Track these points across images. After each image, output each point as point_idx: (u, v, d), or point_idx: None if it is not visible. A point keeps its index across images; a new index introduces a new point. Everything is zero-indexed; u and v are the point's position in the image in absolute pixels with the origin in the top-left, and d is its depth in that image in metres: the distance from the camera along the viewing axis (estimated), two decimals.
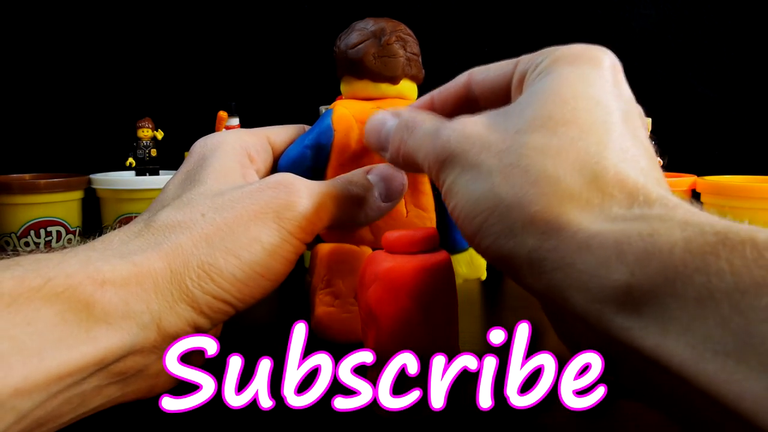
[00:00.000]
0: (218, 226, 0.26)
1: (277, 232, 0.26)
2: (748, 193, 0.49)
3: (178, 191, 0.29)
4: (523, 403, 0.23)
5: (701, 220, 0.18)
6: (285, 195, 0.27)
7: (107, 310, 0.22)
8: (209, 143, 0.31)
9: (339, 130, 0.34)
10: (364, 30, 0.35)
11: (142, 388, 0.25)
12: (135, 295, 0.23)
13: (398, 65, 0.34)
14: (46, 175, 0.60)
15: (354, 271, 0.35)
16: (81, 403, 0.23)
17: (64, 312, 0.22)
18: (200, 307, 0.25)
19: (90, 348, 0.22)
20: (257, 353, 0.24)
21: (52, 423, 0.22)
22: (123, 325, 0.23)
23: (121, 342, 0.22)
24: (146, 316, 0.23)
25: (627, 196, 0.20)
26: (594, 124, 0.22)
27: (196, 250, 0.25)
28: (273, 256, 0.26)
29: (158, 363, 0.25)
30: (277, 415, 0.24)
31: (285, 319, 0.45)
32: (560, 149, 0.21)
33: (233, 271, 0.25)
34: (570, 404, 0.23)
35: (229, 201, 0.27)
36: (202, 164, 0.30)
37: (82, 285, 0.22)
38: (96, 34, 0.71)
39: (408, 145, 0.27)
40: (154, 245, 0.25)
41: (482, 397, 0.23)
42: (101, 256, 0.24)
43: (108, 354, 0.22)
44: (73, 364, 0.21)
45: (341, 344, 0.35)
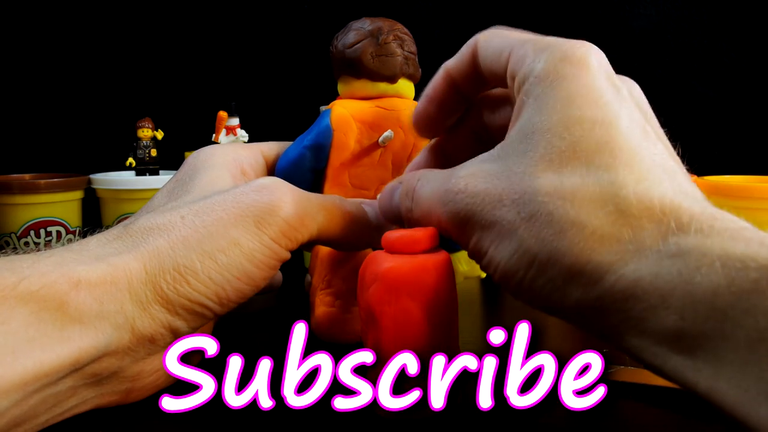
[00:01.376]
0: (196, 229, 0.25)
1: (257, 236, 0.26)
2: (748, 193, 0.49)
3: (164, 200, 0.29)
4: (523, 403, 0.23)
5: (741, 251, 0.18)
6: (268, 199, 0.26)
7: (81, 310, 0.22)
8: (201, 156, 0.31)
9: (338, 130, 0.34)
10: (361, 29, 0.35)
11: (119, 392, 0.25)
12: (109, 296, 0.23)
13: (396, 64, 0.34)
14: (46, 175, 0.60)
15: (354, 271, 0.35)
16: (56, 404, 0.23)
17: (39, 311, 0.22)
18: (175, 309, 0.25)
19: (64, 348, 0.22)
20: (257, 353, 0.24)
21: (29, 423, 0.22)
22: (97, 325, 0.23)
23: (95, 342, 0.22)
24: (120, 317, 0.23)
25: (657, 224, 0.19)
26: (597, 150, 0.21)
27: (172, 252, 0.25)
28: (252, 261, 0.26)
29: (134, 366, 0.25)
30: (277, 415, 0.24)
31: (285, 319, 0.45)
32: (574, 190, 0.20)
33: (209, 274, 0.25)
34: (570, 404, 0.23)
35: (210, 204, 0.26)
36: (193, 176, 0.30)
37: (57, 284, 0.22)
38: (96, 34, 0.71)
39: (414, 215, 0.26)
40: (131, 247, 0.25)
41: (482, 397, 0.23)
42: (77, 257, 0.24)
43: (82, 354, 0.22)
44: (48, 364, 0.21)
45: (341, 344, 0.35)
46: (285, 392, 0.23)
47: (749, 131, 0.70)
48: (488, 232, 0.22)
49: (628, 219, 0.20)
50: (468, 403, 0.24)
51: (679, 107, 0.70)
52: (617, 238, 0.19)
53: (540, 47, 0.24)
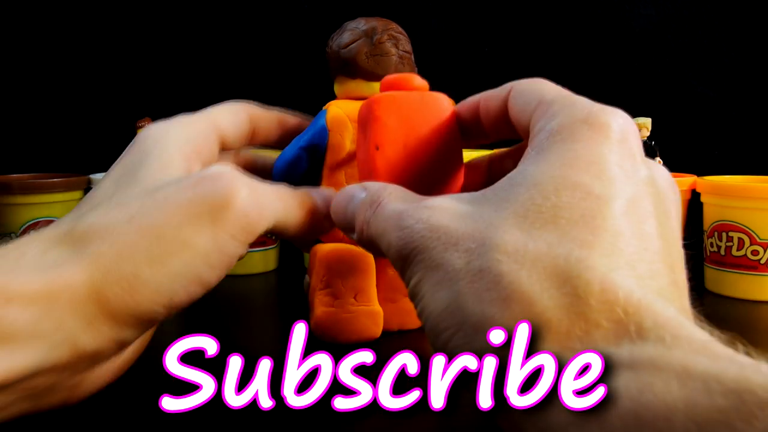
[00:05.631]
0: (144, 232, 0.23)
1: (212, 234, 0.23)
2: (748, 193, 0.49)
3: (111, 190, 0.26)
4: (523, 403, 0.23)
5: (705, 368, 0.14)
6: (222, 190, 0.24)
7: (12, 330, 0.20)
8: (152, 134, 0.28)
9: (333, 130, 0.34)
10: (355, 30, 0.35)
11: (53, 401, 0.24)
12: (45, 313, 0.21)
13: (391, 63, 0.35)
14: (46, 175, 0.60)
15: (353, 271, 0.35)
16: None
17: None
18: (124, 321, 0.23)
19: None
20: (257, 353, 0.24)
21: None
22: (31, 344, 0.21)
23: (26, 363, 0.21)
24: (58, 335, 0.21)
25: (614, 324, 0.17)
26: (579, 222, 0.18)
27: (119, 260, 0.22)
28: (207, 262, 0.24)
29: (73, 378, 0.23)
30: (277, 415, 0.24)
31: (285, 319, 0.45)
32: (537, 257, 0.18)
33: (160, 281, 0.23)
34: (570, 404, 0.23)
35: (161, 199, 0.24)
36: (142, 160, 0.26)
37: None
38: (96, 34, 0.71)
39: (371, 229, 0.23)
40: (74, 257, 0.22)
41: (482, 397, 0.23)
42: (10, 267, 0.22)
43: (10, 375, 0.20)
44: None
45: (341, 344, 0.35)
46: (285, 392, 0.23)
47: (749, 131, 0.70)
48: (432, 274, 0.20)
49: (584, 309, 0.17)
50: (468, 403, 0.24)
51: (679, 107, 0.70)
52: (567, 332, 0.17)
53: (566, 104, 0.22)
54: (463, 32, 0.71)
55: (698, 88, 0.71)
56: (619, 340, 0.16)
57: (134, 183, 0.25)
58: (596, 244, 0.18)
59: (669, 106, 0.69)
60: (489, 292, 0.18)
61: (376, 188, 0.24)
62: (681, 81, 0.70)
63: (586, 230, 0.18)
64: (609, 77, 0.70)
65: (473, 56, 0.70)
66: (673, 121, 0.67)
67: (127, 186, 0.25)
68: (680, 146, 0.64)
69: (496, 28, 0.70)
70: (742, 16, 0.69)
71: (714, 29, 0.70)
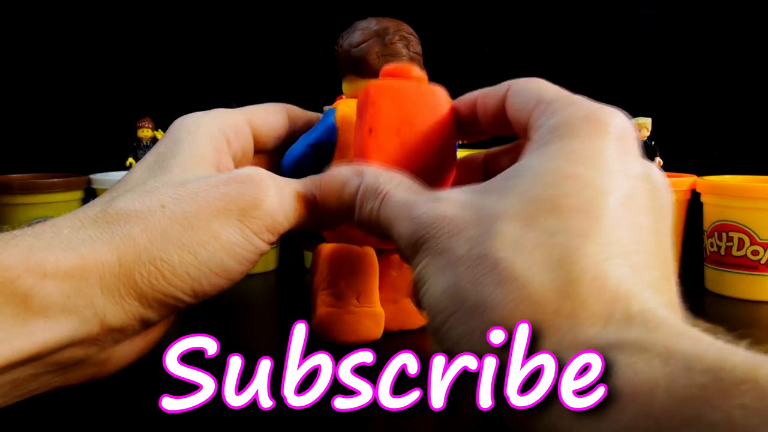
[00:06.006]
0: (177, 220, 0.24)
1: (239, 231, 0.25)
2: (748, 193, 0.49)
3: (144, 175, 0.27)
4: (523, 403, 0.23)
5: (687, 349, 0.15)
6: (253, 192, 0.25)
7: (46, 304, 0.22)
8: (185, 124, 0.29)
9: (343, 130, 0.33)
10: (367, 29, 0.35)
11: (85, 375, 0.25)
12: (77, 289, 0.22)
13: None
14: (46, 175, 0.60)
15: (357, 272, 0.35)
16: (14, 388, 0.23)
17: (0, 305, 0.21)
18: (148, 302, 0.24)
19: (24, 342, 0.21)
20: (257, 353, 0.24)
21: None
22: (62, 319, 0.22)
23: (59, 336, 0.22)
24: (89, 311, 0.23)
25: (604, 307, 0.17)
26: (578, 212, 0.19)
27: (149, 245, 0.24)
28: (232, 256, 0.25)
29: (101, 353, 0.24)
30: (277, 415, 0.24)
31: (285, 319, 0.45)
32: (536, 245, 0.19)
33: (187, 268, 0.24)
34: (570, 404, 0.23)
35: (192, 192, 0.25)
36: (174, 149, 0.28)
37: (21, 278, 0.22)
38: (96, 34, 0.71)
39: (381, 217, 0.24)
40: (106, 236, 0.24)
41: (482, 397, 0.23)
42: (46, 245, 0.23)
43: (43, 347, 0.22)
44: (5, 358, 0.21)
45: (341, 344, 0.35)
46: (285, 392, 0.23)
47: (749, 131, 0.70)
48: (436, 260, 0.21)
49: (575, 293, 0.18)
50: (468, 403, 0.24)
51: (679, 107, 0.70)
52: (555, 311, 0.18)
53: (566, 103, 0.23)
54: (463, 32, 0.71)
55: (698, 88, 0.71)
56: (605, 322, 0.17)
57: (166, 171, 0.26)
58: (593, 233, 0.19)
59: (669, 106, 0.69)
60: (486, 276, 0.19)
61: (378, 176, 0.25)
62: (681, 81, 0.70)
63: (584, 220, 0.19)
64: (609, 77, 0.70)
65: (473, 56, 0.70)
66: (673, 121, 0.67)
67: (157, 174, 0.26)
68: (680, 146, 0.64)
69: (496, 28, 0.70)
70: (742, 16, 0.69)
71: (714, 29, 0.70)
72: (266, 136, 0.33)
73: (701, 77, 0.70)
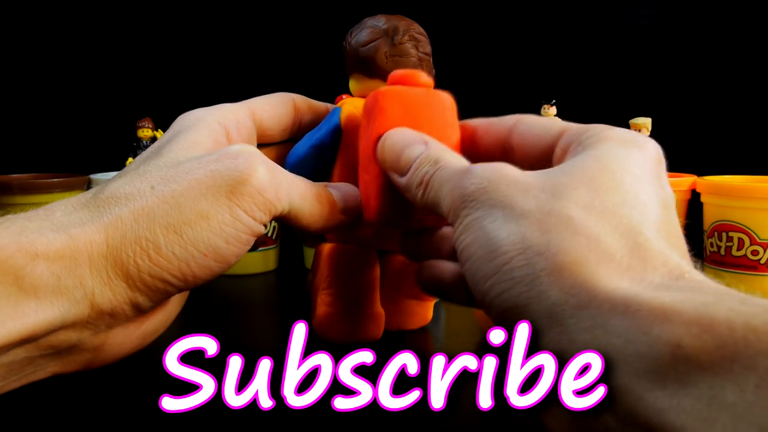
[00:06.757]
0: (164, 199, 0.24)
1: (228, 209, 0.24)
2: (748, 193, 0.49)
3: (139, 162, 0.27)
4: (523, 403, 0.23)
5: (737, 292, 0.17)
6: (242, 166, 0.25)
7: (37, 285, 0.22)
8: (188, 119, 0.29)
9: (347, 129, 0.33)
10: (376, 27, 0.34)
11: (80, 361, 0.25)
12: (67, 270, 0.22)
13: (410, 65, 0.33)
14: (46, 175, 0.60)
15: (358, 272, 0.35)
16: (10, 372, 0.23)
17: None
18: (136, 285, 0.24)
19: (17, 323, 0.21)
20: (257, 353, 0.24)
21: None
22: (53, 300, 0.22)
23: (51, 317, 0.22)
24: (78, 292, 0.23)
25: (669, 269, 0.19)
26: (637, 197, 0.21)
27: (135, 224, 0.23)
28: (221, 236, 0.24)
29: (93, 338, 0.24)
30: (277, 415, 0.24)
31: (285, 319, 0.45)
32: (604, 210, 0.21)
33: (173, 248, 0.24)
34: (570, 404, 0.23)
35: (183, 171, 0.25)
36: (171, 139, 0.28)
37: (13, 258, 0.21)
38: (95, 34, 0.71)
39: (433, 180, 0.25)
40: (95, 218, 0.24)
41: (482, 397, 0.23)
42: (38, 227, 0.23)
43: (36, 329, 0.22)
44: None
45: (341, 344, 0.35)
46: (285, 392, 0.23)
47: (749, 131, 0.70)
48: (494, 211, 0.21)
49: (645, 256, 0.20)
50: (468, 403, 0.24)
51: (679, 107, 0.70)
52: (628, 265, 0.19)
53: (600, 128, 0.25)
54: (463, 32, 0.71)
55: (698, 88, 0.71)
56: (674, 277, 0.19)
57: (159, 157, 0.26)
58: (650, 221, 0.21)
59: (669, 106, 0.69)
60: (557, 227, 0.20)
61: (439, 148, 0.26)
62: (681, 81, 0.70)
63: (642, 207, 0.21)
64: (609, 77, 0.70)
65: (473, 56, 0.70)
66: (673, 121, 0.67)
67: (153, 159, 0.26)
68: (680, 146, 0.64)
69: (496, 28, 0.70)
70: (742, 16, 0.69)
71: (714, 29, 0.70)
72: (271, 129, 0.33)
73: (701, 77, 0.70)
